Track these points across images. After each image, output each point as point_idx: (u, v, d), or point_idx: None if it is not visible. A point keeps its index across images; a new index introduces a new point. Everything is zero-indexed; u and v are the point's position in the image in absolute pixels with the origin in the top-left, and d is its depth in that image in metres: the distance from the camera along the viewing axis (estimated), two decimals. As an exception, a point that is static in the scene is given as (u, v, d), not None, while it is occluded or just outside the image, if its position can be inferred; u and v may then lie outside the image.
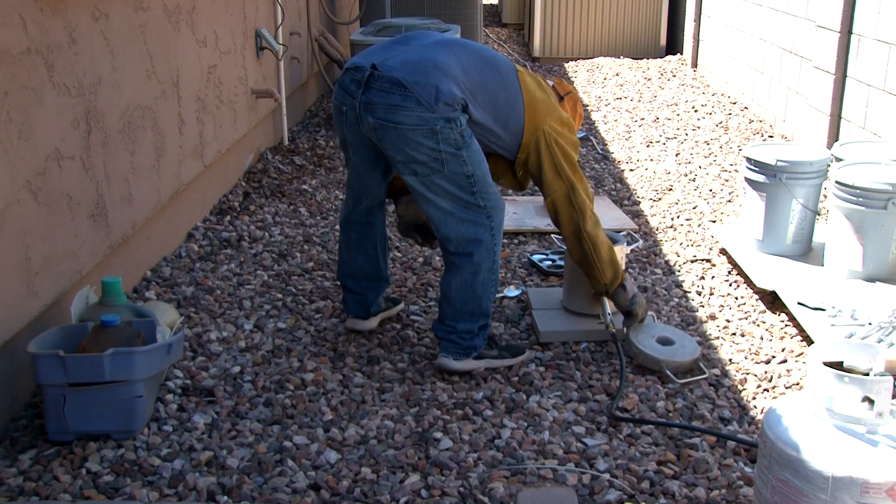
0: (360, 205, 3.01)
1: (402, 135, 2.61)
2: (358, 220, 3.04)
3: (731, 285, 3.65)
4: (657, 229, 4.33)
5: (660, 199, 4.79)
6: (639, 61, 8.76)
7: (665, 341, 2.98)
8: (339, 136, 2.89)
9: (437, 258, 3.87)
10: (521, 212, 4.49)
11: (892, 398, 1.84)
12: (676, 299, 3.53)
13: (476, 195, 2.72)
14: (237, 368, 2.89)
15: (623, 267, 3.15)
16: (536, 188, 4.94)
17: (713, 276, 3.74)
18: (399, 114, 2.59)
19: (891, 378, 1.79)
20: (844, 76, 5.08)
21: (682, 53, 8.93)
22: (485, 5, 13.15)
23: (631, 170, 5.35)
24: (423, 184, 2.69)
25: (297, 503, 2.23)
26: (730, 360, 3.04)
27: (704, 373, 2.91)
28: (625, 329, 3.07)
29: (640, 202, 4.75)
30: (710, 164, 5.37)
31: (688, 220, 4.45)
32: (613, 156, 5.65)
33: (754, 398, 2.80)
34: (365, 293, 3.13)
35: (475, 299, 2.82)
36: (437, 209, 2.73)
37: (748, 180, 3.78)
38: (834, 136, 5.16)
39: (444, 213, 2.73)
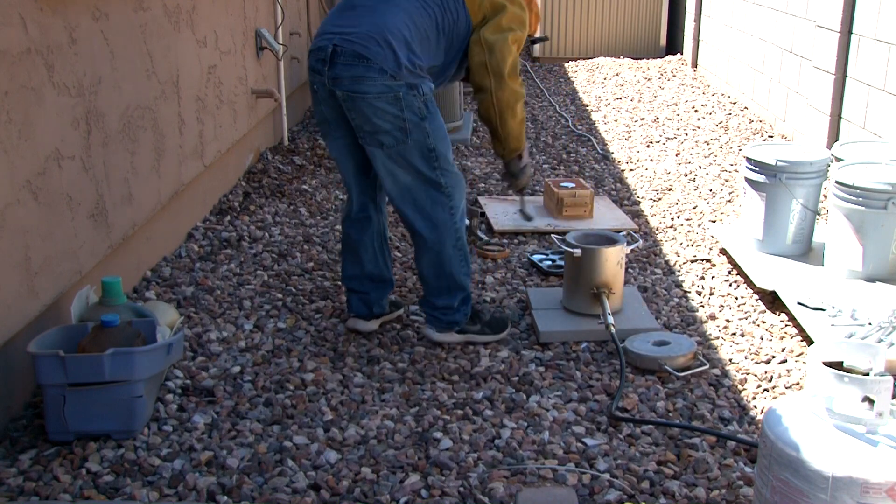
0: (354, 195, 3.06)
1: (368, 103, 2.74)
2: (355, 217, 3.08)
3: (731, 285, 3.65)
4: (657, 229, 4.33)
5: (660, 199, 4.79)
6: (639, 61, 8.75)
7: (661, 343, 3.00)
8: (318, 115, 2.98)
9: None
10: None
11: (893, 398, 1.84)
12: (676, 299, 3.53)
13: (437, 171, 2.85)
14: (237, 368, 2.89)
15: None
16: (537, 187, 4.93)
17: (713, 276, 3.74)
18: (364, 84, 2.73)
19: (891, 378, 1.79)
20: (844, 76, 5.08)
21: (682, 53, 8.93)
22: (485, 5, 13.13)
23: (631, 170, 5.35)
24: (388, 156, 2.81)
25: (297, 503, 2.23)
26: (730, 360, 3.04)
27: (705, 364, 2.93)
28: (506, 184, 3.45)
29: (640, 202, 4.75)
30: (710, 164, 5.37)
31: (688, 220, 4.45)
32: (613, 156, 5.65)
33: (754, 398, 2.80)
34: (369, 292, 3.15)
35: (447, 276, 2.97)
36: (398, 185, 2.85)
37: (748, 180, 3.78)
38: (834, 136, 5.16)
39: (403, 190, 2.86)
